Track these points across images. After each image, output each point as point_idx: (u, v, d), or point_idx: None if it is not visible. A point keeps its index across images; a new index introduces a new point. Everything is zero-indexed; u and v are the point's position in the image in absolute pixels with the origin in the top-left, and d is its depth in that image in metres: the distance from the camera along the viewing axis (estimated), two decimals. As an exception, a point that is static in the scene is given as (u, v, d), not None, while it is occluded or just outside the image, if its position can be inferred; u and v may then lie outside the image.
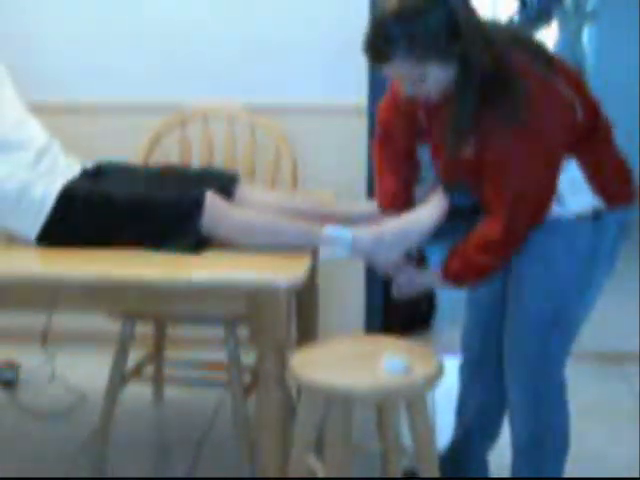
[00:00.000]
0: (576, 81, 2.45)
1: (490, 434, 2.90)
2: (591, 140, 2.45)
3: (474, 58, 2.31)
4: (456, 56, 2.31)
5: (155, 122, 3.52)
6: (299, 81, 3.88)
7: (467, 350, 2.87)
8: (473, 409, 2.87)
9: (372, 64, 2.43)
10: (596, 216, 2.46)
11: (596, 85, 2.55)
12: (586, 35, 7.57)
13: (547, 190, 2.40)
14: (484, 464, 2.93)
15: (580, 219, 2.46)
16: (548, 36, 7.13)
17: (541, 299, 2.54)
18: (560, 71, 2.42)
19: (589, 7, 7.44)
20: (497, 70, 2.33)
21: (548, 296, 2.53)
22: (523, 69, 2.35)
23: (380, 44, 2.32)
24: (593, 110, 2.48)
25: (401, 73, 2.37)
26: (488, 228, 2.44)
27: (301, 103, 3.87)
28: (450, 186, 2.61)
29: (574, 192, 2.44)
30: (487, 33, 2.36)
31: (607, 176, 2.48)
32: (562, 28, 7.39)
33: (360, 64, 3.80)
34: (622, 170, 2.55)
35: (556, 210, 2.45)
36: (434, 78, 2.35)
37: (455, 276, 2.53)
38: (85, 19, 3.91)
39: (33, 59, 3.91)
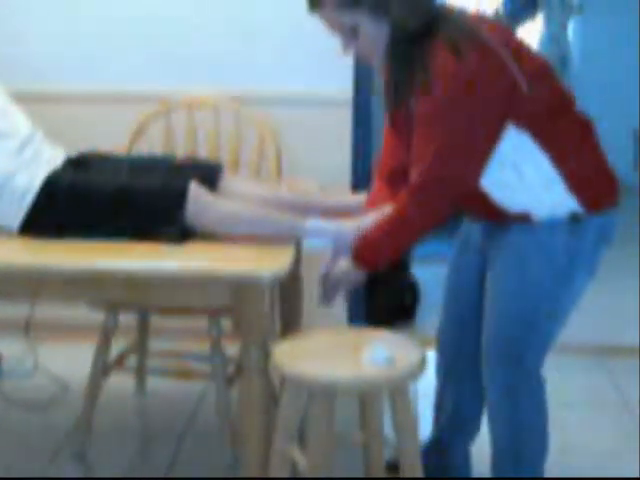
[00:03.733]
0: (538, 63, 2.41)
1: (469, 430, 2.91)
2: (564, 136, 2.42)
3: (400, 14, 2.31)
4: (386, 13, 2.31)
5: (140, 112, 3.51)
6: (284, 72, 3.88)
7: (442, 349, 2.86)
8: (450, 406, 2.88)
9: (310, 11, 2.43)
10: (573, 220, 2.44)
11: (581, 78, 2.53)
12: (571, 29, 7.59)
13: (463, 149, 2.35)
14: (466, 457, 2.93)
15: (556, 222, 2.44)
16: (533, 29, 7.15)
17: (515, 300, 2.53)
18: (513, 46, 2.36)
19: (574, 0, 7.46)
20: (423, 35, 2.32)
21: (521, 298, 2.52)
22: (453, 34, 2.31)
23: None
24: (558, 95, 2.45)
25: (333, 23, 2.37)
26: (397, 204, 2.45)
27: (286, 94, 3.87)
28: None
29: (548, 189, 2.42)
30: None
31: (584, 177, 2.44)
32: (547, 21, 7.41)
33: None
34: (601, 172, 2.50)
35: (532, 207, 2.44)
36: (365, 34, 2.35)
37: (372, 264, 2.54)
38: (69, 8, 3.89)
39: (15, 47, 3.89)
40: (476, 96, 2.30)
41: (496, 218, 2.53)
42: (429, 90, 2.30)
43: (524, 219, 2.46)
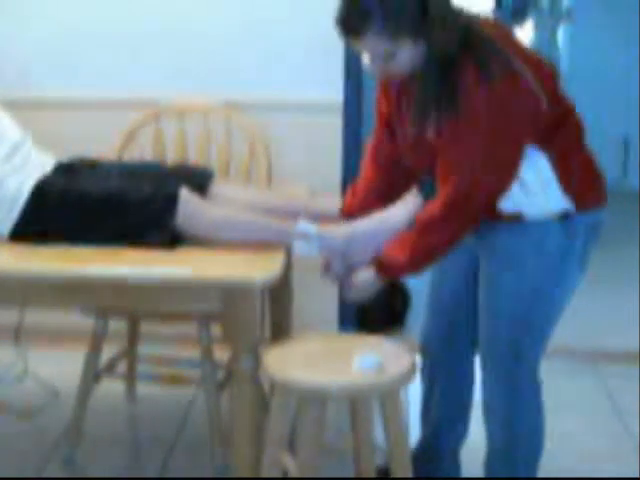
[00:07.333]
0: (547, 73, 2.42)
1: (457, 431, 2.91)
2: (563, 138, 2.45)
3: (440, 38, 2.29)
4: (428, 38, 2.30)
5: (130, 118, 3.50)
6: (274, 78, 3.88)
7: (427, 351, 2.86)
8: (436, 408, 2.88)
9: (344, 38, 2.38)
10: (565, 217, 2.46)
11: (571, 84, 2.55)
12: (561, 35, 7.60)
13: (491, 169, 2.37)
14: (455, 460, 2.93)
15: (548, 220, 2.46)
16: (523, 35, 7.16)
17: (511, 301, 2.53)
18: (530, 62, 2.38)
19: (564, 6, 7.48)
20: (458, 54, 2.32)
21: (518, 298, 2.53)
22: (485, 55, 2.32)
23: (354, 18, 2.29)
24: (562, 105, 2.47)
25: (372, 49, 2.34)
26: (429, 208, 2.44)
27: (276, 100, 3.87)
28: (419, 174, 2.60)
29: (544, 189, 2.44)
30: (456, 16, 2.34)
31: (577, 177, 2.47)
32: (537, 27, 7.42)
33: (336, 61, 3.84)
34: (592, 172, 2.54)
35: (525, 207, 2.45)
36: (403, 56, 2.33)
37: (400, 268, 2.52)
38: (60, 13, 3.89)
39: (2, 53, 3.88)
40: (508, 119, 2.32)
41: (488, 218, 2.54)
42: (456, 108, 2.31)
43: (516, 219, 2.48)
